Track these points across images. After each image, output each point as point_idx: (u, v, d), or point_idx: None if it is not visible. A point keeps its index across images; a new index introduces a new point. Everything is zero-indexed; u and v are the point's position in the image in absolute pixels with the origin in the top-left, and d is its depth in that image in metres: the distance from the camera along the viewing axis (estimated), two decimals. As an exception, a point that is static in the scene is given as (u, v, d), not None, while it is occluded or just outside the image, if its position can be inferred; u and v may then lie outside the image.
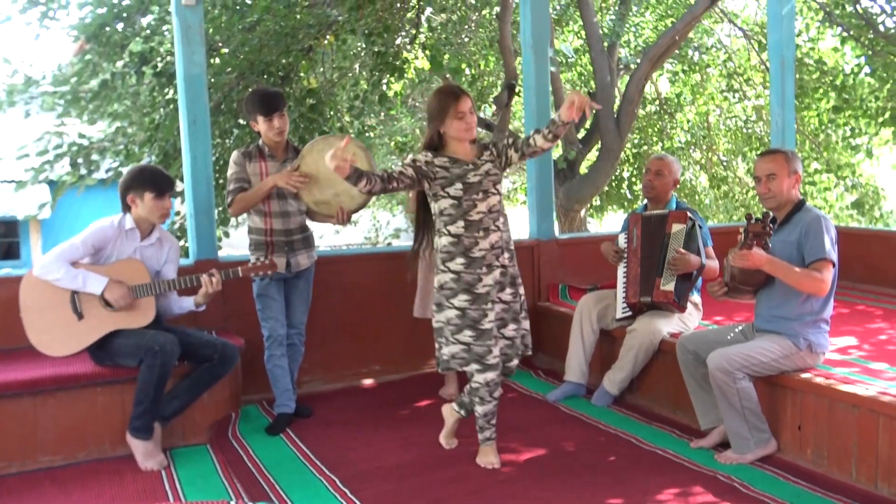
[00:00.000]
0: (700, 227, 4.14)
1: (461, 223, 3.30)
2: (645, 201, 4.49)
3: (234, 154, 3.95)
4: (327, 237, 14.57)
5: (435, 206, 3.37)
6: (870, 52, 8.52)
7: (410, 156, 3.39)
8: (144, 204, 3.62)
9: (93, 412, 3.61)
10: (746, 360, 3.31)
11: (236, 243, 8.13)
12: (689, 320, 4.25)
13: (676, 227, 4.10)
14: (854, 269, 5.27)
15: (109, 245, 3.62)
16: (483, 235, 3.32)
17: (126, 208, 3.67)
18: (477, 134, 3.46)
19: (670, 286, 4.06)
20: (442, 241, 3.34)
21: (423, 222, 3.56)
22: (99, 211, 8.10)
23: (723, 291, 3.54)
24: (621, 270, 4.31)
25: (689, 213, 4.14)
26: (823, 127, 9.98)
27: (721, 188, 11.56)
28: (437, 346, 3.45)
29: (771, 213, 3.49)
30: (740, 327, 3.68)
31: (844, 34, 8.68)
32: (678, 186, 4.69)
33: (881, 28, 8.21)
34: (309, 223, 4.12)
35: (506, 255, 3.41)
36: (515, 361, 3.48)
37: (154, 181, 3.63)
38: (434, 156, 3.34)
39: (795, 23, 6.18)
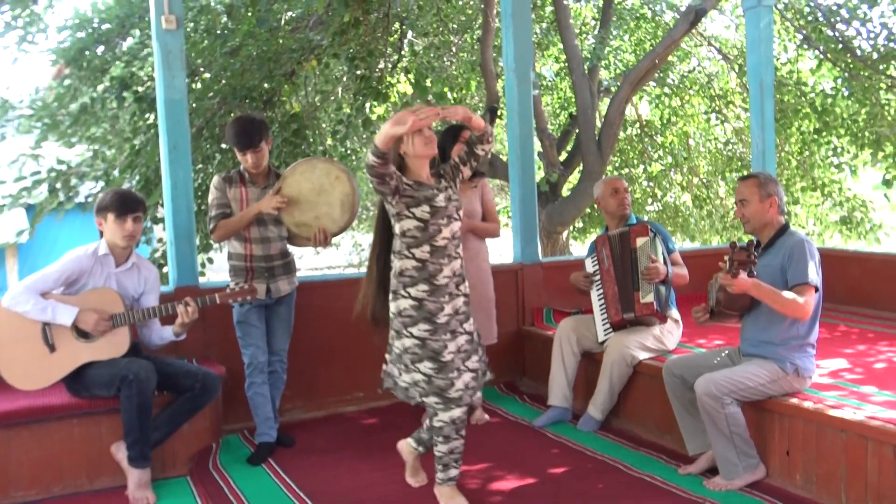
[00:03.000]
0: (661, 235, 4.24)
1: (426, 248, 3.14)
2: (605, 227, 4.56)
3: (215, 179, 3.93)
4: (307, 258, 14.48)
5: (397, 226, 3.19)
6: (847, 76, 8.63)
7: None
8: (108, 226, 3.55)
9: (69, 444, 3.52)
10: (734, 385, 3.29)
11: (218, 268, 8.04)
12: (669, 338, 4.26)
13: (641, 241, 4.18)
14: (834, 291, 5.28)
15: (84, 276, 3.54)
16: (447, 262, 3.18)
17: (101, 233, 3.61)
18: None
19: (650, 297, 4.11)
20: (404, 265, 3.16)
21: (383, 243, 3.32)
22: (77, 235, 7.98)
23: (705, 318, 3.54)
24: (595, 294, 4.37)
25: (648, 226, 4.22)
26: (806, 145, 10.06)
27: (704, 208, 11.61)
28: (391, 368, 3.27)
29: (756, 240, 3.49)
30: (726, 351, 3.67)
31: (821, 56, 8.79)
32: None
33: (858, 52, 8.33)
34: (290, 248, 4.08)
35: (465, 283, 3.28)
36: (479, 394, 3.31)
37: (115, 202, 3.54)
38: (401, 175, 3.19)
39: (773, 45, 6.25)
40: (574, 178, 10.56)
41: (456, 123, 4.12)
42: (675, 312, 4.32)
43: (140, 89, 6.68)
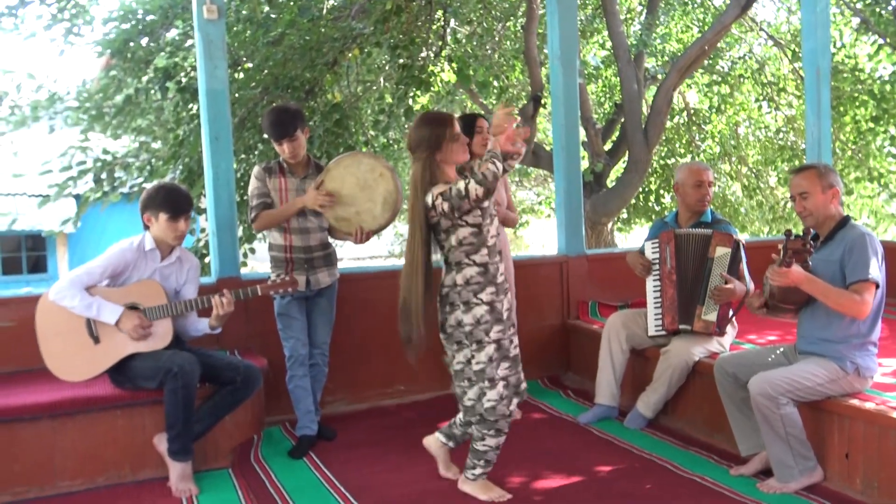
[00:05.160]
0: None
1: (484, 251, 3.10)
2: (674, 210, 4.33)
3: (256, 169, 3.91)
4: (349, 248, 14.54)
5: (452, 238, 3.09)
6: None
7: (437, 192, 3.06)
8: (159, 225, 3.54)
9: (112, 436, 3.53)
10: (790, 385, 3.15)
11: (261, 257, 8.06)
12: (725, 339, 4.09)
13: (721, 251, 3.92)
14: (891, 284, 5.05)
15: (129, 269, 3.55)
16: (499, 259, 3.17)
17: (146, 227, 3.60)
18: None
19: (712, 316, 3.91)
20: (468, 273, 3.09)
21: (427, 263, 3.13)
22: (124, 225, 8.08)
23: (762, 308, 3.39)
24: (651, 284, 4.15)
25: (734, 235, 3.97)
26: (861, 135, 9.70)
27: (754, 198, 11.32)
28: (470, 393, 3.13)
29: (812, 231, 3.34)
30: (781, 349, 3.52)
31: (880, 41, 8.47)
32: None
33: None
34: (331, 239, 4.04)
35: None
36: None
37: (168, 202, 3.52)
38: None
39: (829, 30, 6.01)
40: (619, 167, 10.37)
41: (468, 113, 3.98)
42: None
43: (183, 80, 6.70)
